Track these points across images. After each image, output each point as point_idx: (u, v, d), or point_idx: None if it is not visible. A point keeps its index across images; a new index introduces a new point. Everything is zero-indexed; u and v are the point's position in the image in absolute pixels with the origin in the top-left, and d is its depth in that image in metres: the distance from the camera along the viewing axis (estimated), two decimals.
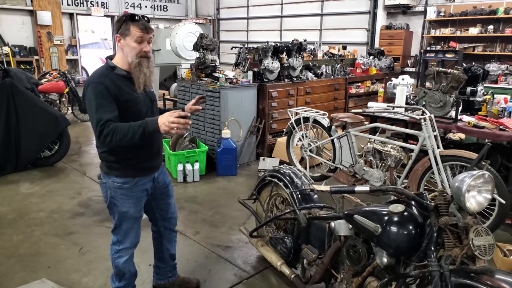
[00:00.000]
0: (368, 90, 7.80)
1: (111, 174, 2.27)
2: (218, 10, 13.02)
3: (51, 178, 5.21)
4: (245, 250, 3.41)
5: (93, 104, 2.07)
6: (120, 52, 2.21)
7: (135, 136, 2.03)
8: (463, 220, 1.61)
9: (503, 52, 7.34)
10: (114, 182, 2.27)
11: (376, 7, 9.09)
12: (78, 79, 9.00)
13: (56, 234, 3.72)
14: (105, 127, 2.02)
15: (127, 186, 2.29)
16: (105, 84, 2.09)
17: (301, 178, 2.83)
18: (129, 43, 2.15)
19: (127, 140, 2.03)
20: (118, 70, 2.19)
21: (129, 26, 2.13)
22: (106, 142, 2.05)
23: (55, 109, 6.15)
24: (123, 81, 2.17)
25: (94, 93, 2.08)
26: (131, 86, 2.20)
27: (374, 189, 1.75)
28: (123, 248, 2.41)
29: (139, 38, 2.15)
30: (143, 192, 2.39)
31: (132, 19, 2.15)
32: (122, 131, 2.02)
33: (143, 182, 2.35)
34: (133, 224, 2.40)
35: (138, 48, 2.15)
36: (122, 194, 2.29)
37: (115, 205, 2.33)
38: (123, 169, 2.26)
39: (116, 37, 2.19)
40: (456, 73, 3.67)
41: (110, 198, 2.33)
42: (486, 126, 3.66)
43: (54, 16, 10.23)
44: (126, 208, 2.32)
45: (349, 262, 2.13)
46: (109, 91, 2.09)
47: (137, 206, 2.37)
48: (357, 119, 4.21)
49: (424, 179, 3.59)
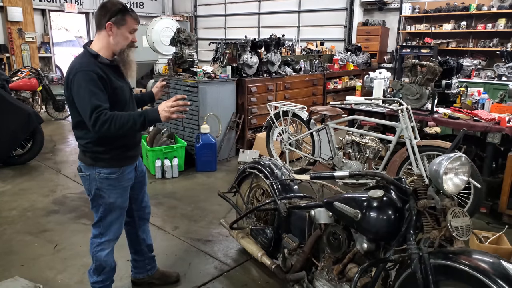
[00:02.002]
0: (346, 85, 7.88)
1: (96, 165, 2.22)
2: (196, 7, 12.91)
3: (23, 176, 5.05)
4: (225, 243, 3.38)
5: (85, 91, 2.00)
6: (103, 40, 2.15)
7: (136, 125, 2.03)
8: (441, 203, 1.63)
9: (475, 47, 7.56)
10: (101, 173, 2.23)
11: (352, 4, 9.20)
12: (52, 77, 8.77)
13: (30, 232, 3.60)
14: (102, 114, 1.97)
15: (114, 176, 2.25)
16: (95, 71, 2.05)
17: (281, 168, 2.82)
18: (123, 33, 2.14)
19: (126, 128, 2.02)
20: (101, 58, 2.14)
21: (126, 17, 2.13)
22: (102, 130, 1.99)
23: (27, 106, 5.96)
24: (108, 69, 2.14)
25: (86, 80, 2.02)
26: (114, 74, 2.18)
27: (354, 173, 1.75)
28: (105, 240, 2.36)
29: (133, 30, 2.17)
30: (129, 181, 2.36)
31: (127, 9, 2.15)
32: (122, 119, 2.00)
33: (128, 171, 2.33)
34: (118, 215, 2.36)
35: (130, 38, 2.18)
36: (109, 184, 2.25)
37: (101, 196, 2.27)
38: (110, 159, 2.22)
39: (108, 25, 2.11)
40: (432, 65, 3.74)
41: (96, 190, 2.26)
42: (461, 117, 3.75)
43: (25, 12, 9.90)
44: (113, 198, 2.28)
45: (330, 249, 2.13)
46: (100, 79, 2.05)
47: (123, 196, 2.34)
48: (335, 112, 4.24)
49: (402, 170, 3.65)
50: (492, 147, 3.59)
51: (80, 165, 2.29)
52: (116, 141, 2.21)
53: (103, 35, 2.15)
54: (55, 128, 7.73)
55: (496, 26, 7.18)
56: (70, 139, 6.96)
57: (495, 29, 7.20)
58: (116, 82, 2.17)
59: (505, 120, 3.45)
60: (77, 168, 2.35)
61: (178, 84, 5.52)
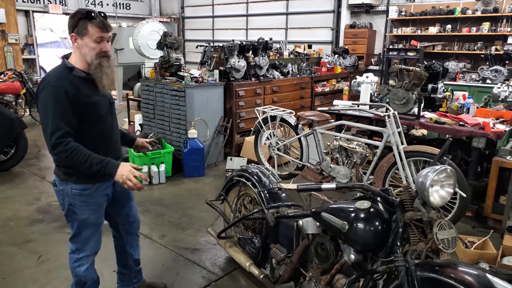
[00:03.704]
0: (333, 88, 7.91)
1: (69, 181, 2.14)
2: (183, 8, 12.84)
3: (6, 183, 4.93)
4: (213, 252, 3.35)
5: (49, 110, 1.94)
6: (77, 52, 2.07)
7: (91, 168, 1.98)
8: (427, 215, 1.63)
9: (460, 50, 7.67)
10: (73, 189, 2.14)
11: (340, 6, 9.26)
12: (36, 80, 8.59)
13: (13, 242, 3.52)
14: (63, 143, 1.93)
15: (87, 193, 2.17)
16: (64, 88, 1.96)
17: (269, 177, 2.80)
18: (87, 43, 2.01)
19: (81, 167, 1.99)
20: (76, 72, 2.05)
21: (87, 25, 1.99)
22: (60, 156, 1.97)
23: (10, 111, 5.85)
24: (82, 83, 2.04)
25: (52, 97, 1.94)
26: (90, 88, 2.07)
27: (341, 186, 1.74)
28: (83, 256, 2.29)
29: (98, 38, 2.02)
30: (104, 197, 2.28)
31: (88, 17, 2.00)
32: (80, 157, 1.96)
33: (103, 187, 2.24)
34: (94, 231, 2.28)
35: (97, 48, 2.03)
36: (81, 201, 2.17)
37: (74, 212, 2.20)
38: (82, 175, 2.12)
39: (72, 36, 2.03)
40: (418, 70, 3.76)
41: (68, 206, 2.19)
42: (447, 122, 3.78)
43: (8, 13, 9.71)
44: (86, 215, 2.20)
45: (318, 260, 2.12)
46: (67, 95, 1.96)
47: (97, 212, 2.26)
48: (323, 117, 4.24)
49: (389, 175, 3.67)
50: (477, 152, 3.64)
51: (55, 179, 2.22)
52: None
53: (74, 47, 2.07)
54: (40, 133, 7.49)
55: (480, 29, 7.30)
56: None
57: (480, 32, 7.31)
58: (90, 97, 2.07)
59: (490, 125, 3.49)
60: (52, 182, 2.30)
61: (165, 89, 5.47)
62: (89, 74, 2.07)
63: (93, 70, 2.05)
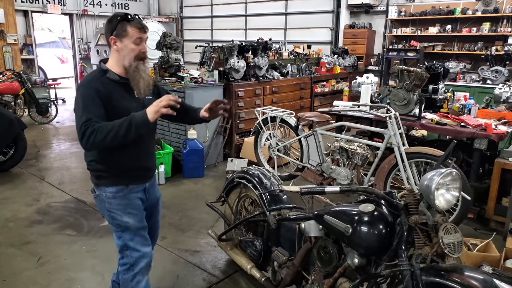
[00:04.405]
0: (333, 89, 7.89)
1: (101, 185, 2.10)
2: (182, 8, 12.80)
3: (5, 184, 4.91)
4: (214, 254, 3.33)
5: (80, 107, 1.91)
6: (114, 55, 2.04)
7: (119, 131, 1.85)
8: (433, 219, 1.61)
9: (460, 51, 7.65)
10: (107, 193, 2.09)
11: (339, 6, 9.23)
12: (34, 80, 8.58)
13: (12, 244, 3.49)
14: (89, 126, 1.85)
15: (121, 195, 2.10)
16: (95, 87, 1.95)
17: (270, 178, 2.78)
18: (127, 45, 1.99)
19: (111, 137, 1.84)
20: (110, 74, 2.02)
21: (126, 27, 1.97)
22: (89, 143, 1.85)
23: (9, 112, 5.82)
24: (114, 86, 2.01)
25: (82, 95, 1.93)
26: (122, 93, 2.03)
27: (344, 189, 1.72)
28: (138, 271, 2.14)
29: (137, 40, 2.00)
30: (139, 200, 2.18)
31: (126, 18, 1.99)
32: (105, 128, 1.85)
33: (136, 190, 2.16)
34: (141, 239, 2.16)
35: (137, 50, 2.00)
36: (118, 204, 2.10)
37: (114, 218, 2.12)
38: (113, 176, 2.08)
39: (111, 40, 2.00)
40: (419, 71, 3.74)
41: (107, 212, 2.12)
42: (448, 123, 3.77)
43: (7, 14, 9.66)
44: (126, 218, 2.11)
45: (320, 263, 2.10)
46: (98, 93, 1.93)
47: (137, 215, 2.16)
48: (323, 118, 4.22)
49: (391, 176, 3.65)
50: (479, 153, 3.62)
51: (93, 186, 2.16)
52: (117, 157, 2.05)
53: (112, 50, 2.04)
54: (39, 133, 7.57)
55: (480, 30, 7.28)
56: (54, 145, 6.83)
57: (480, 33, 7.29)
58: (120, 101, 2.01)
59: (492, 126, 3.48)
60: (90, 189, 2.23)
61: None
62: (124, 77, 2.04)
63: (131, 74, 2.02)
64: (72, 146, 6.72)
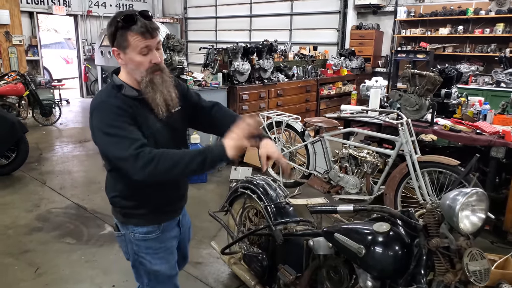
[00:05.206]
0: (339, 91, 7.74)
1: (129, 223, 1.75)
2: (186, 9, 12.71)
3: (6, 189, 4.82)
4: (216, 266, 3.20)
5: (109, 129, 1.51)
6: (123, 67, 1.65)
7: (190, 165, 1.45)
8: (456, 242, 1.46)
9: (473, 52, 7.45)
10: (135, 233, 1.75)
11: (346, 7, 9.08)
12: (39, 81, 8.53)
13: (10, 253, 3.39)
14: (142, 152, 1.45)
15: (153, 236, 1.76)
16: (116, 104, 1.56)
17: (276, 189, 2.64)
18: (132, 58, 1.56)
19: (178, 170, 1.46)
20: (126, 90, 1.62)
21: (126, 35, 1.53)
22: (146, 172, 1.44)
23: (11, 115, 5.76)
24: (134, 106, 1.61)
25: (106, 114, 1.54)
26: (145, 113, 1.63)
27: (358, 209, 1.58)
28: None
29: (144, 49, 1.55)
30: (173, 240, 1.87)
31: (127, 23, 1.52)
32: (171, 157, 1.45)
33: (170, 228, 1.84)
34: (171, 287, 1.89)
35: (145, 62, 1.57)
36: (147, 247, 1.77)
37: (141, 264, 1.80)
38: (144, 215, 1.74)
39: (113, 52, 1.59)
40: (432, 75, 3.58)
41: (134, 255, 1.80)
42: (463, 129, 3.60)
43: (13, 15, 9.62)
44: (157, 265, 1.80)
45: (330, 284, 1.96)
46: (124, 112, 1.55)
47: (170, 261, 1.85)
48: (331, 124, 4.07)
49: (402, 186, 3.49)
50: (496, 162, 3.45)
51: (115, 221, 1.83)
52: (150, 190, 1.70)
53: (119, 63, 1.64)
54: (42, 135, 7.50)
55: (494, 31, 7.07)
56: (57, 147, 6.75)
57: (493, 34, 7.08)
58: (146, 122, 1.63)
59: (510, 134, 3.30)
60: (113, 225, 1.88)
61: None
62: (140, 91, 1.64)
63: (144, 91, 1.61)
64: (75, 149, 6.63)
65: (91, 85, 11.93)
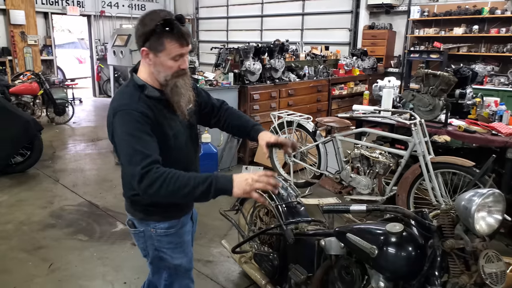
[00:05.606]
0: (351, 91, 7.69)
1: (150, 220, 1.76)
2: (197, 9, 12.76)
3: (21, 186, 4.90)
4: (227, 265, 3.20)
5: (128, 137, 1.52)
6: (145, 66, 1.65)
7: (194, 191, 1.44)
8: (471, 244, 1.44)
9: (488, 52, 7.32)
10: (157, 229, 1.77)
11: (358, 7, 9.01)
12: (53, 80, 8.66)
13: (24, 249, 3.45)
14: (151, 170, 1.45)
15: (173, 231, 1.79)
16: (140, 110, 1.55)
17: (287, 189, 2.63)
18: (163, 62, 1.57)
19: (182, 194, 1.45)
20: (149, 91, 1.62)
21: (163, 40, 1.53)
22: (149, 191, 1.46)
23: (26, 113, 5.86)
24: (157, 107, 1.63)
25: (127, 121, 1.53)
26: (166, 113, 1.66)
27: (372, 208, 1.57)
28: None
29: (177, 56, 1.57)
30: (189, 234, 1.91)
31: (166, 28, 1.52)
32: (177, 180, 1.45)
33: (186, 222, 1.88)
34: (187, 281, 1.92)
35: (175, 67, 1.59)
36: (169, 242, 1.79)
37: (162, 259, 1.81)
38: (167, 210, 1.76)
39: (143, 51, 1.57)
40: (446, 75, 3.54)
41: (154, 251, 1.81)
42: (478, 130, 3.55)
43: (28, 15, 9.80)
44: (178, 260, 1.83)
45: (342, 284, 1.94)
46: (147, 119, 1.56)
47: (188, 254, 1.89)
48: (343, 124, 4.05)
49: (415, 187, 3.44)
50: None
51: (130, 218, 1.82)
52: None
53: (145, 62, 1.63)
54: (55, 134, 7.60)
55: (510, 30, 6.92)
56: (70, 145, 6.83)
57: (510, 33, 6.94)
58: (167, 123, 1.65)
59: None
60: (127, 223, 1.88)
61: None
62: (163, 92, 1.66)
63: (169, 93, 1.64)
64: (87, 147, 6.71)
65: (103, 84, 12.06)
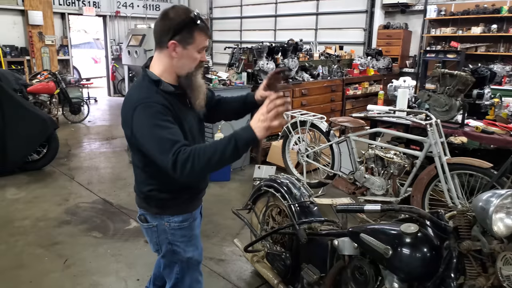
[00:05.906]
0: (365, 91, 7.62)
1: (164, 214, 1.79)
2: (211, 9, 12.81)
3: (38, 183, 5.00)
4: (239, 263, 3.20)
5: (154, 128, 1.53)
6: (164, 61, 1.67)
7: (224, 155, 1.46)
8: (489, 246, 1.41)
9: (507, 52, 7.16)
10: (171, 223, 1.80)
11: (373, 6, 8.92)
12: (69, 80, 8.80)
13: (40, 244, 3.51)
14: (180, 153, 1.47)
15: (186, 225, 1.83)
16: (160, 102, 1.59)
17: (300, 188, 2.62)
18: (190, 54, 1.63)
19: (214, 163, 1.47)
20: (164, 86, 1.65)
21: (194, 33, 1.60)
22: (185, 172, 1.46)
23: (43, 112, 5.96)
24: (172, 99, 1.66)
25: (150, 114, 1.55)
26: (181, 107, 1.70)
27: (386, 208, 1.55)
28: None
29: (202, 48, 1.66)
30: (199, 227, 1.96)
31: (196, 22, 1.60)
32: (207, 152, 1.46)
33: (197, 215, 1.93)
34: (197, 274, 1.96)
35: (198, 59, 1.67)
36: (183, 235, 1.83)
37: (175, 252, 1.84)
38: (182, 203, 1.81)
39: (171, 44, 1.60)
40: (464, 75, 3.47)
41: (168, 245, 1.83)
42: (496, 131, 3.47)
43: (46, 16, 9.99)
44: (190, 253, 1.86)
45: (355, 285, 1.92)
46: (167, 111, 1.59)
47: (199, 247, 1.94)
48: (357, 124, 4.01)
49: (430, 188, 3.39)
50: None
51: (143, 213, 1.85)
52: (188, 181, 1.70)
53: (164, 54, 1.65)
54: (71, 132, 7.72)
55: None
56: (85, 144, 6.93)
57: None
58: (183, 115, 1.70)
59: None
60: (138, 218, 1.90)
61: None
62: (177, 87, 1.70)
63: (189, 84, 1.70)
64: (102, 145, 6.80)
65: (118, 84, 12.20)
